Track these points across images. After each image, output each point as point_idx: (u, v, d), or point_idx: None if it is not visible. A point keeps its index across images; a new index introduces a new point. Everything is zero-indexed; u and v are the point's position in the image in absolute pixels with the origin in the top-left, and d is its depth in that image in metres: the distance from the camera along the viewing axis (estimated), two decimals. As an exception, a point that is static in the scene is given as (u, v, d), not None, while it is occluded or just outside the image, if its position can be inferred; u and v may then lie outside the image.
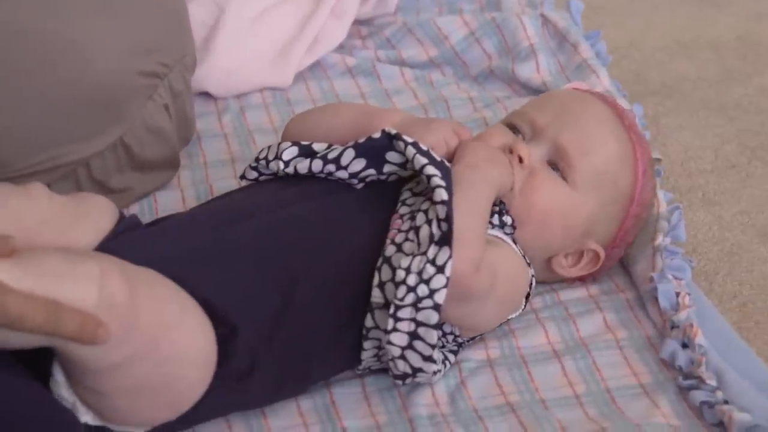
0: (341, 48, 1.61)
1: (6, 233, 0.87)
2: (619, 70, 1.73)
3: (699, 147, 1.57)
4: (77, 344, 0.86)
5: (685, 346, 1.11)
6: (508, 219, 1.12)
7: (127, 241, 1.02)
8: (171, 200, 1.33)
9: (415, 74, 1.57)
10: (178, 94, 1.32)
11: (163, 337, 0.93)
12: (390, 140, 1.08)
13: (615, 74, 1.60)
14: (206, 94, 1.51)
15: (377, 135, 1.09)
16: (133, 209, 1.31)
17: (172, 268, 0.98)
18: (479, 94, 1.53)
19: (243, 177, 1.16)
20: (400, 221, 1.06)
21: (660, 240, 1.20)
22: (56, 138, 1.21)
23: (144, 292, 0.91)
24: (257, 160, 1.13)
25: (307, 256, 1.03)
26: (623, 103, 1.39)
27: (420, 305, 0.99)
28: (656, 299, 1.16)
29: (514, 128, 1.18)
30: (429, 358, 1.03)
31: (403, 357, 1.02)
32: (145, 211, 1.31)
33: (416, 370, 1.04)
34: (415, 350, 1.02)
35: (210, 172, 1.38)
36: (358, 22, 1.67)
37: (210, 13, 1.54)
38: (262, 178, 1.14)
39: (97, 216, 1.04)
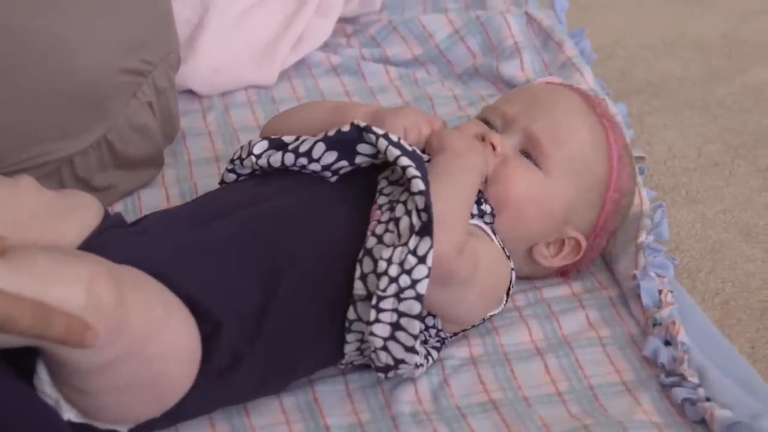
0: (326, 46, 1.61)
1: None
2: (604, 69, 1.73)
3: (683, 145, 1.57)
4: (64, 346, 0.86)
5: (667, 343, 1.11)
6: (487, 207, 1.12)
7: (111, 239, 1.03)
8: (155, 198, 1.33)
9: (399, 72, 1.57)
10: (163, 91, 1.32)
11: (150, 337, 0.93)
12: (360, 133, 1.09)
13: (599, 73, 1.61)
14: (191, 92, 1.51)
15: (346, 128, 1.09)
16: (117, 207, 1.30)
17: (155, 266, 0.98)
18: (463, 93, 1.53)
19: (222, 182, 1.16)
20: (379, 212, 1.06)
21: (643, 238, 1.20)
22: (40, 135, 1.21)
23: (131, 293, 0.91)
24: (232, 161, 1.14)
25: (287, 249, 1.03)
26: (608, 101, 1.39)
27: (402, 296, 1.00)
28: (639, 297, 1.16)
29: (486, 123, 1.19)
30: (411, 349, 1.03)
31: (385, 348, 1.03)
32: (129, 209, 1.31)
33: (398, 362, 1.04)
34: (398, 341, 1.02)
35: (194, 170, 1.38)
36: (343, 20, 1.67)
37: (194, 11, 1.54)
38: (240, 179, 1.15)
39: (83, 212, 1.04)
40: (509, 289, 1.14)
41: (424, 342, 1.09)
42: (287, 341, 1.03)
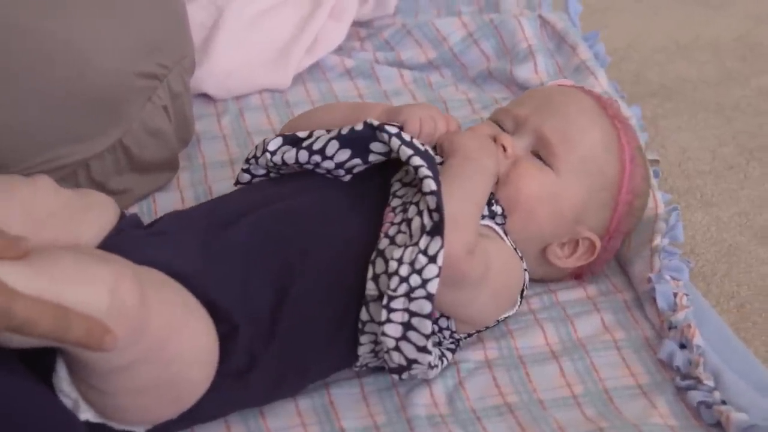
0: (340, 49, 1.62)
1: (20, 234, 0.86)
2: (618, 72, 1.73)
3: (697, 148, 1.57)
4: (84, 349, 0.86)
5: (682, 346, 1.11)
6: (498, 209, 1.12)
7: (128, 240, 1.03)
8: (170, 201, 1.33)
9: (413, 76, 1.57)
10: (177, 95, 1.32)
11: (170, 339, 0.93)
12: (373, 131, 1.09)
13: (613, 75, 1.61)
14: (205, 96, 1.52)
15: (359, 126, 1.09)
16: (133, 210, 1.30)
17: (173, 267, 0.98)
18: (477, 96, 1.53)
19: (237, 183, 1.17)
20: (392, 214, 1.07)
21: (658, 241, 1.20)
22: (55, 139, 1.21)
23: (153, 296, 0.91)
24: (247, 161, 1.14)
25: (300, 249, 1.04)
26: (622, 104, 1.39)
27: (413, 295, 1.00)
28: (654, 300, 1.16)
29: (498, 124, 1.20)
30: (423, 349, 1.03)
31: (397, 348, 1.03)
32: (144, 212, 1.31)
33: (411, 362, 1.04)
34: (410, 341, 1.02)
35: (209, 174, 1.38)
36: (357, 24, 1.67)
37: (209, 14, 1.54)
38: (255, 180, 1.16)
39: (100, 211, 1.05)
40: (523, 290, 1.14)
41: (438, 344, 1.09)
42: (300, 342, 1.03)
